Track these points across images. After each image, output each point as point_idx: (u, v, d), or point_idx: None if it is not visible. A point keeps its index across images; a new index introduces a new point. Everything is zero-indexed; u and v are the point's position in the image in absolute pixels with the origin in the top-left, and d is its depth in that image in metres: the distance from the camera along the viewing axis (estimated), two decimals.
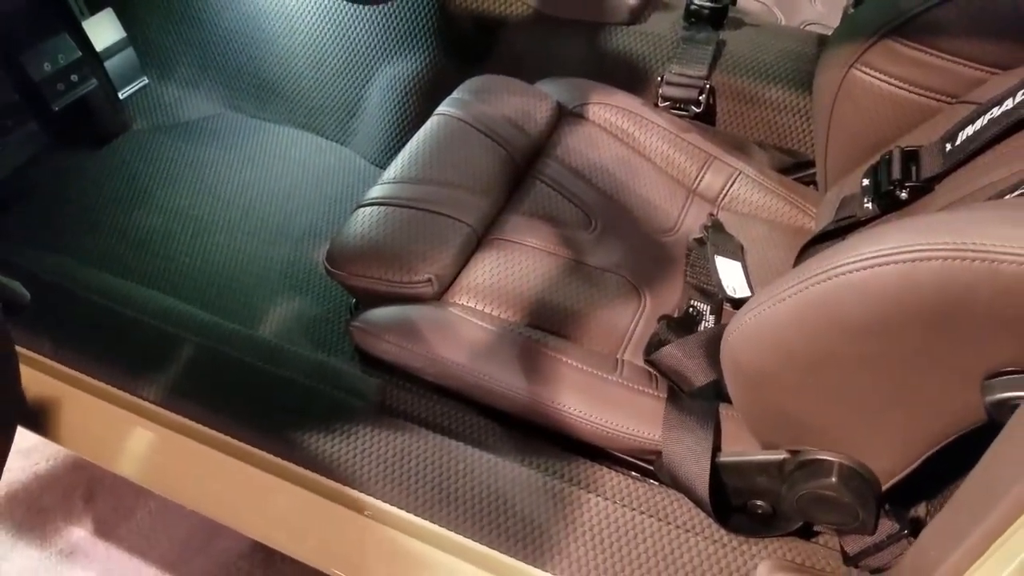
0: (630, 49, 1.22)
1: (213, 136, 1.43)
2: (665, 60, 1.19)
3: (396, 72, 1.34)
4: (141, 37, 1.43)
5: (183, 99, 1.48)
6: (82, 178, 1.32)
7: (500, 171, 1.06)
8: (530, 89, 1.16)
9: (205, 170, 1.36)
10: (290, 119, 1.46)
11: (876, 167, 0.88)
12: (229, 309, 1.13)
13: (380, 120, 1.37)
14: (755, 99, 1.16)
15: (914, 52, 0.89)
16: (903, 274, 0.56)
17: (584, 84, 1.18)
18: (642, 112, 1.14)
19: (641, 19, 1.24)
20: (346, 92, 1.39)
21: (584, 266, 0.98)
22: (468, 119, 1.09)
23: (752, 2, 1.48)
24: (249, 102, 1.47)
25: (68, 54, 1.27)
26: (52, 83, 1.25)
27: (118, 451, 0.97)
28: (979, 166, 0.78)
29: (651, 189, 1.09)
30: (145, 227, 1.26)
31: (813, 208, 1.07)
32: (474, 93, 1.13)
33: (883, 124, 0.94)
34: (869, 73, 0.93)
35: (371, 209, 0.98)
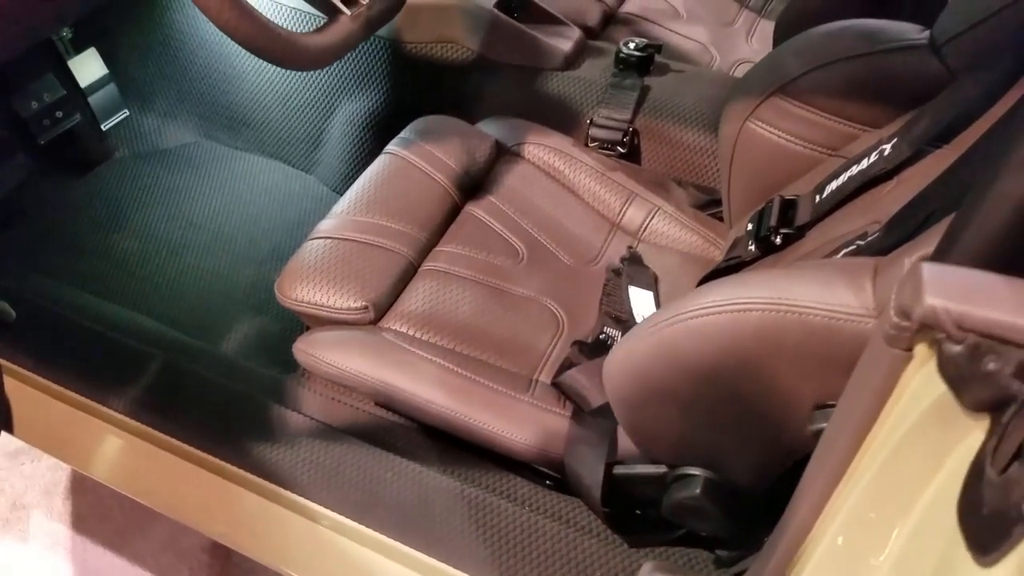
0: (564, 93, 1.30)
1: (188, 163, 1.51)
2: (595, 104, 1.28)
3: (354, 109, 1.42)
4: (123, 73, 1.51)
5: (161, 129, 1.57)
6: (67, 204, 1.40)
7: (438, 206, 1.14)
8: (471, 129, 1.24)
9: (180, 196, 1.45)
10: (260, 148, 1.54)
11: (761, 212, 0.97)
12: (196, 326, 1.21)
13: (340, 151, 1.45)
14: (674, 141, 1.25)
15: (798, 109, 0.98)
16: (731, 322, 0.65)
17: (521, 125, 1.27)
18: (572, 152, 1.23)
19: (575, 65, 1.32)
20: (310, 125, 1.48)
21: (509, 294, 1.07)
22: (411, 158, 1.17)
23: (689, 41, 1.56)
24: (222, 132, 1.56)
25: (53, 92, 1.36)
26: (39, 119, 1.34)
27: (89, 456, 1.06)
28: (839, 217, 0.87)
29: (578, 223, 1.18)
30: (123, 249, 1.34)
31: (723, 241, 1.16)
32: (419, 133, 1.21)
33: (774, 172, 1.02)
34: (761, 126, 1.01)
35: (318, 243, 1.07)
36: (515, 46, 1.32)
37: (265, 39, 0.85)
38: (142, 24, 1.53)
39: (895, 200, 0.75)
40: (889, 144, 0.82)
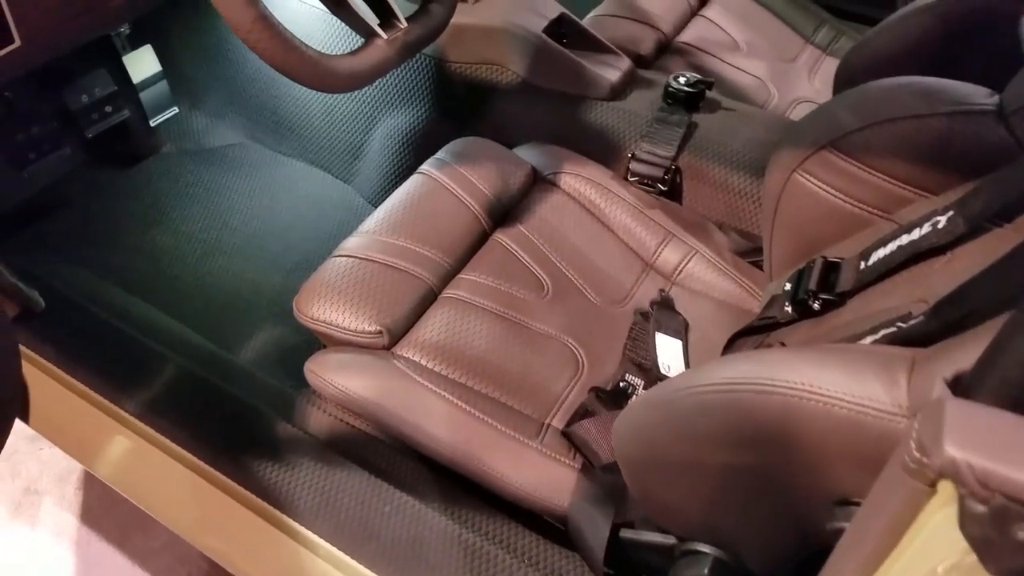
0: (607, 124, 1.24)
1: (232, 164, 1.50)
2: (638, 137, 1.22)
3: (395, 124, 1.39)
4: (175, 71, 1.51)
5: (209, 128, 1.56)
6: (110, 195, 1.40)
7: (466, 232, 1.10)
8: (508, 154, 1.20)
9: (220, 196, 1.43)
10: (302, 154, 1.52)
11: (801, 272, 0.90)
12: (218, 330, 1.19)
13: (379, 165, 1.42)
14: (719, 183, 1.18)
15: (849, 166, 0.90)
16: (750, 403, 0.59)
17: (560, 153, 1.22)
18: (610, 185, 1.17)
19: (621, 96, 1.27)
20: (351, 136, 1.45)
21: (530, 329, 1.02)
22: (444, 180, 1.13)
23: (746, 76, 1.49)
24: (267, 135, 1.54)
25: (104, 87, 1.36)
26: (87, 113, 1.34)
27: (97, 454, 1.04)
28: (883, 290, 0.80)
29: (609, 260, 1.12)
30: (158, 245, 1.33)
31: (760, 292, 1.09)
32: (455, 155, 1.17)
33: (819, 227, 0.95)
34: (809, 179, 0.94)
35: (341, 261, 1.03)
36: (560, 73, 1.27)
37: (294, 60, 0.81)
38: (199, 25, 1.52)
39: (945, 280, 0.68)
40: (944, 216, 0.74)
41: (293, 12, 1.39)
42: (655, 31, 1.50)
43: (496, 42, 1.27)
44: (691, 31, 1.55)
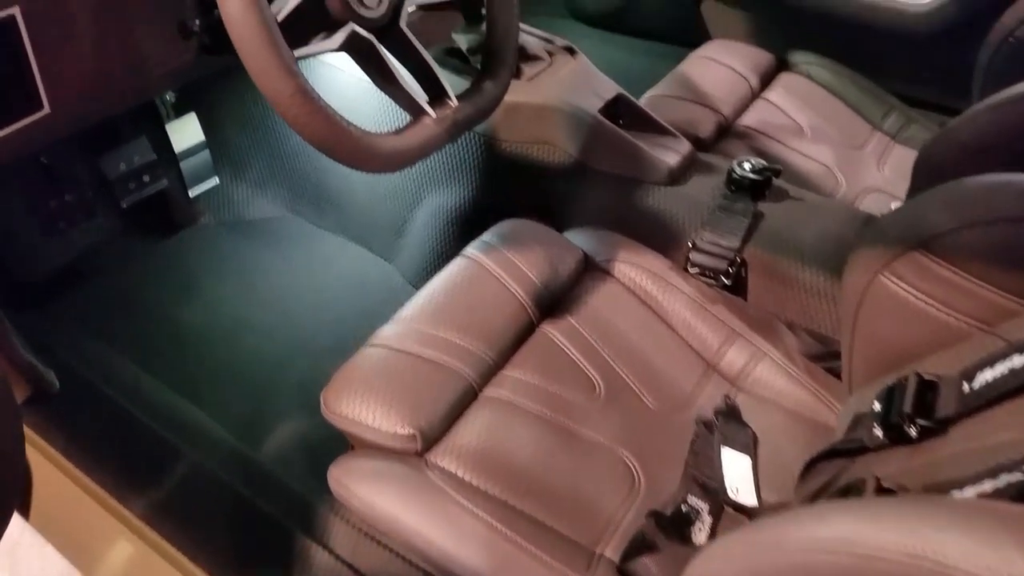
0: (665, 209, 1.16)
1: (270, 237, 1.45)
2: (699, 225, 1.13)
3: (440, 202, 1.32)
4: (219, 140, 1.47)
5: (250, 199, 1.51)
6: (142, 267, 1.35)
7: (511, 322, 1.01)
8: (558, 239, 1.11)
9: (255, 270, 1.37)
10: (343, 229, 1.46)
11: (892, 390, 0.79)
12: (241, 418, 1.11)
13: (422, 244, 1.35)
14: (788, 278, 1.08)
15: (944, 270, 0.80)
16: (854, 568, 0.48)
17: (614, 239, 1.13)
18: (669, 276, 1.08)
19: (681, 181, 1.18)
20: (395, 213, 1.39)
21: (579, 438, 0.91)
22: (489, 264, 1.05)
23: (811, 162, 1.40)
24: (309, 209, 1.49)
25: (144, 156, 1.32)
26: (124, 182, 1.30)
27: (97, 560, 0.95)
28: (995, 419, 0.68)
29: (668, 359, 1.02)
30: (188, 322, 1.27)
31: (838, 404, 0.98)
32: (502, 237, 1.09)
33: (909, 338, 0.84)
34: (897, 283, 0.84)
35: (375, 352, 0.95)
36: (616, 154, 1.19)
37: (336, 139, 0.75)
38: (245, 95, 1.49)
39: None
40: None
41: (338, 85, 1.35)
42: (715, 113, 1.43)
43: (550, 121, 1.20)
44: (752, 114, 1.47)
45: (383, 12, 0.82)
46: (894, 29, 1.61)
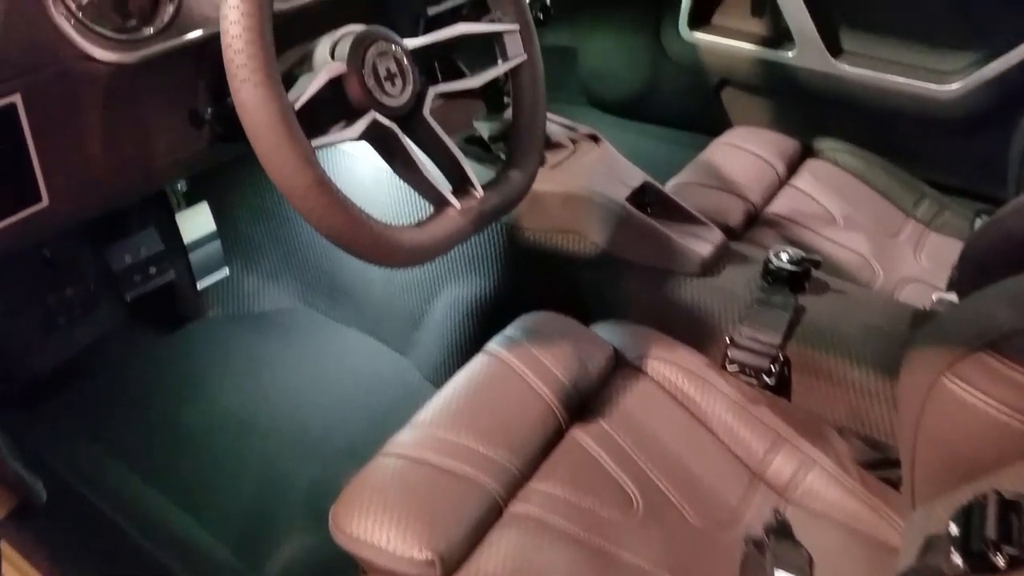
0: (699, 302, 1.09)
1: (281, 330, 1.39)
2: (736, 320, 1.06)
3: (460, 293, 1.26)
4: (231, 229, 1.43)
5: (261, 290, 1.46)
6: (143, 363, 1.29)
7: (539, 427, 0.93)
8: (586, 333, 1.05)
9: (263, 366, 1.31)
10: (357, 322, 1.40)
11: (969, 511, 0.70)
12: (241, 533, 1.02)
13: (440, 337, 1.28)
14: (836, 378, 1.00)
15: (1014, 373, 0.73)
16: None
17: (646, 333, 1.06)
18: (707, 375, 1.00)
19: (714, 272, 1.12)
20: (412, 305, 1.32)
21: (616, 560, 0.82)
22: (514, 362, 0.98)
23: (845, 251, 1.35)
24: (322, 300, 1.43)
25: (151, 247, 1.27)
26: (129, 275, 1.25)
27: None
28: None
29: (710, 468, 0.93)
30: (189, 423, 1.20)
31: (899, 520, 0.88)
32: (526, 332, 1.03)
33: (980, 447, 0.76)
34: (962, 386, 0.76)
35: (389, 462, 0.86)
36: (646, 244, 1.13)
37: (354, 233, 0.69)
38: (260, 183, 1.45)
39: None
40: None
41: (356, 173, 1.31)
42: (743, 201, 1.38)
43: (576, 210, 1.15)
44: (781, 202, 1.42)
45: (406, 100, 0.78)
46: (922, 116, 1.58)
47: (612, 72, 2.02)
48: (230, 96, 0.67)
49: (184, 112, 0.87)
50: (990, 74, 1.48)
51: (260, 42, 0.64)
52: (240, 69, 0.64)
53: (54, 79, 0.74)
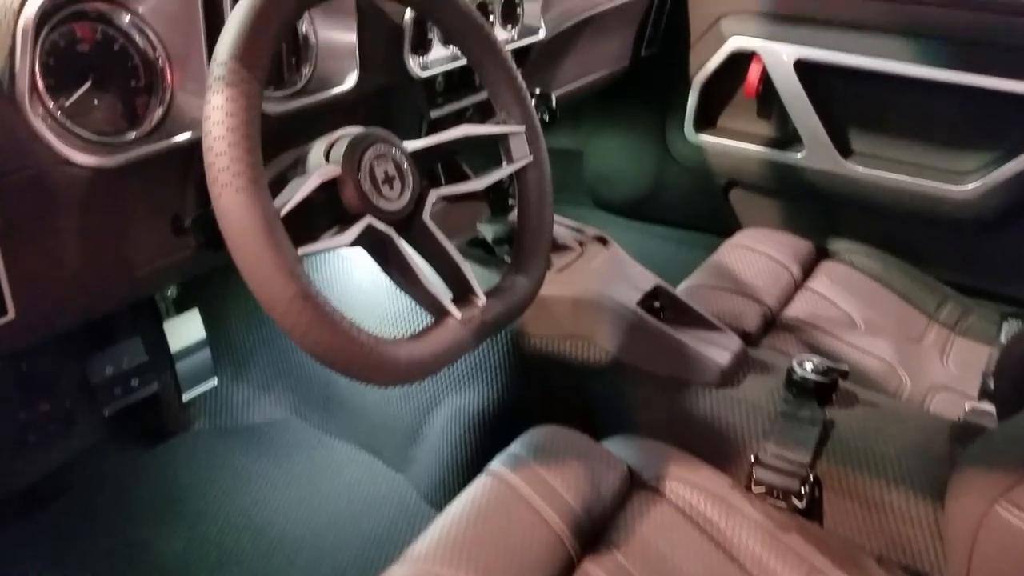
0: (719, 416, 1.02)
1: (270, 445, 1.31)
2: (760, 435, 0.98)
3: (461, 404, 1.19)
4: (222, 337, 1.37)
5: (251, 401, 1.39)
6: (122, 480, 1.20)
7: (546, 560, 0.84)
8: (598, 450, 0.97)
9: (249, 484, 1.22)
10: (351, 435, 1.32)
11: None
12: None
13: (439, 452, 1.20)
14: (872, 501, 0.92)
15: None
16: None
17: (662, 450, 0.98)
18: (731, 497, 0.92)
19: (734, 382, 1.05)
20: (409, 416, 1.25)
21: None
22: (519, 485, 0.89)
23: (870, 358, 1.28)
24: (315, 412, 1.36)
25: (135, 358, 1.21)
26: (109, 388, 1.18)
27: None
28: None
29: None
30: (165, 551, 1.10)
31: None
32: (532, 449, 0.95)
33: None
34: (1020, 515, 0.69)
35: None
36: (660, 352, 1.07)
37: (342, 350, 0.63)
38: None
39: None
40: None
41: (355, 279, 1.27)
42: (759, 304, 1.33)
43: (585, 315, 1.09)
44: (799, 305, 1.37)
45: (404, 204, 0.73)
46: (938, 216, 1.54)
47: (618, 174, 2.01)
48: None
49: (167, 219, 0.82)
50: (1007, 174, 1.45)
51: (244, 144, 0.60)
52: (221, 173, 0.59)
53: (27, 183, 0.70)
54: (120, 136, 0.77)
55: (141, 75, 0.79)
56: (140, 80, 0.79)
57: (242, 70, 0.61)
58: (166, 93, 0.80)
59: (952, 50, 1.44)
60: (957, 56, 1.44)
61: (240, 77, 0.61)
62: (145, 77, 0.79)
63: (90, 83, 0.75)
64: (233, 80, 0.61)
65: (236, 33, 0.62)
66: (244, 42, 0.62)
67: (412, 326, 1.20)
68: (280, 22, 0.65)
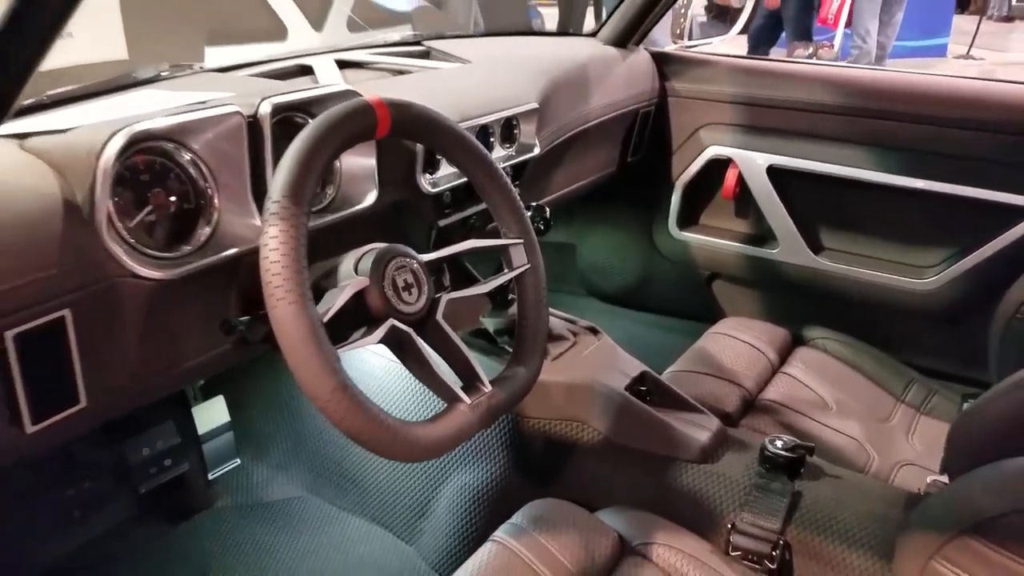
0: (700, 489, 1.15)
1: (288, 520, 1.42)
2: (737, 506, 1.11)
3: (466, 480, 1.31)
4: (244, 422, 1.51)
5: (270, 480, 1.51)
6: (151, 556, 1.31)
7: None
8: (591, 520, 1.09)
9: (268, 557, 1.33)
10: (363, 510, 1.43)
11: None
12: None
13: (447, 525, 1.32)
14: (836, 563, 1.03)
15: (995, 555, 0.78)
16: None
17: (650, 520, 1.11)
18: (711, 561, 1.03)
19: (713, 459, 1.18)
20: (418, 492, 1.37)
21: None
22: (521, 551, 1.01)
23: (841, 436, 1.41)
24: (328, 489, 1.48)
25: (167, 440, 1.35)
26: (145, 467, 1.31)
27: None
28: None
29: None
30: None
31: None
32: (532, 520, 1.07)
33: None
34: (950, 569, 0.81)
35: None
36: (646, 432, 1.20)
37: (372, 431, 0.77)
38: (274, 377, 1.55)
39: None
40: None
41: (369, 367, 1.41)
42: (738, 388, 1.47)
43: (578, 399, 1.23)
44: (775, 388, 1.51)
45: (420, 307, 0.89)
46: (903, 307, 1.70)
47: (609, 266, 2.18)
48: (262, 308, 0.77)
49: (215, 319, 0.96)
50: (962, 269, 1.61)
51: (294, 266, 0.75)
52: (277, 290, 0.74)
53: (101, 294, 0.84)
54: (175, 252, 0.91)
55: (192, 200, 0.94)
56: (192, 204, 0.94)
57: (292, 206, 0.77)
58: (213, 215, 0.94)
59: (908, 159, 1.63)
60: (914, 165, 1.62)
61: (291, 212, 0.77)
62: (196, 202, 0.94)
63: (150, 207, 0.91)
64: (285, 215, 0.76)
65: (286, 177, 0.78)
66: (293, 184, 0.78)
67: (424, 407, 1.33)
68: (320, 166, 0.81)
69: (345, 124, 0.84)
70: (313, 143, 0.80)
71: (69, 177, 0.82)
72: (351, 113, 0.84)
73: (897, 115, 1.63)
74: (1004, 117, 1.52)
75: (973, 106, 1.56)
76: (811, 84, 1.72)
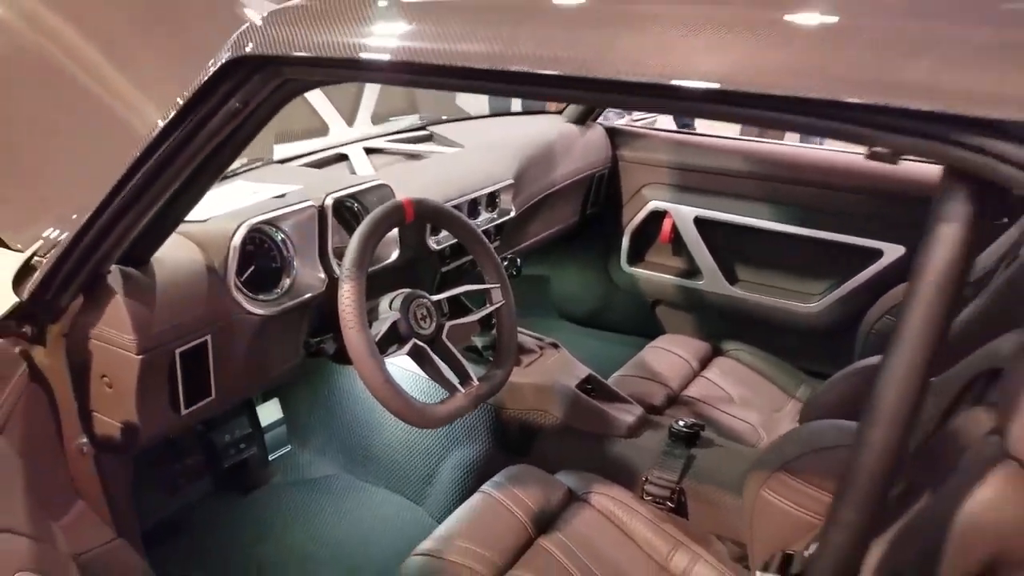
0: (625, 455, 1.62)
1: (326, 492, 1.89)
2: (650, 466, 1.58)
3: (461, 455, 1.79)
4: (293, 417, 1.98)
5: (312, 462, 1.98)
6: (225, 520, 1.77)
7: (515, 536, 1.41)
8: (550, 479, 1.55)
9: (314, 518, 1.80)
10: (383, 482, 1.90)
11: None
12: None
13: (449, 488, 1.79)
14: (715, 502, 1.51)
15: (799, 484, 1.24)
16: None
17: (590, 477, 1.57)
18: (631, 503, 1.50)
19: (636, 435, 1.66)
20: (426, 466, 1.84)
21: None
22: (499, 496, 1.48)
23: (739, 422, 1.87)
24: (357, 467, 1.95)
25: (242, 429, 1.81)
26: (227, 449, 1.78)
27: None
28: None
29: (630, 563, 1.41)
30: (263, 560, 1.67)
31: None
32: (509, 478, 1.54)
33: (789, 534, 1.26)
34: (773, 495, 1.27)
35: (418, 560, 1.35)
36: (589, 417, 1.68)
37: (406, 409, 1.24)
38: (316, 383, 2.02)
39: None
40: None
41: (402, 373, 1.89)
42: (665, 387, 1.94)
43: (542, 395, 1.71)
44: (694, 388, 1.98)
45: (432, 331, 1.36)
46: (796, 325, 2.19)
47: (575, 294, 2.68)
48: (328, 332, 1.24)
49: (292, 343, 1.44)
50: (838, 296, 2.11)
51: (358, 310, 1.22)
52: (348, 320, 1.21)
53: (228, 325, 1.32)
54: (270, 295, 1.39)
55: (279, 261, 1.42)
56: (278, 264, 1.42)
57: (357, 272, 1.24)
58: (292, 271, 1.42)
59: (799, 213, 2.13)
60: (803, 217, 2.13)
61: (357, 275, 1.23)
62: (281, 262, 1.42)
63: (254, 267, 1.39)
64: (352, 276, 1.23)
65: (352, 255, 1.25)
66: (356, 259, 1.25)
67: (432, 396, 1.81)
68: (373, 245, 1.28)
69: (386, 220, 1.31)
70: (367, 232, 1.27)
71: (209, 251, 1.30)
72: (390, 212, 1.32)
73: (790, 180, 2.13)
74: (865, 183, 2.02)
75: (842, 173, 2.06)
76: (729, 155, 2.22)
